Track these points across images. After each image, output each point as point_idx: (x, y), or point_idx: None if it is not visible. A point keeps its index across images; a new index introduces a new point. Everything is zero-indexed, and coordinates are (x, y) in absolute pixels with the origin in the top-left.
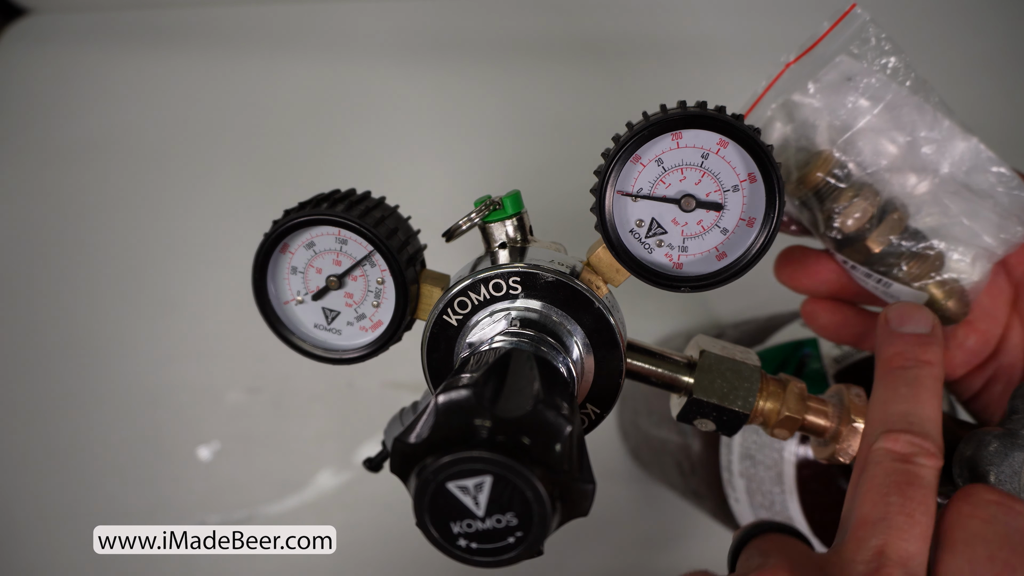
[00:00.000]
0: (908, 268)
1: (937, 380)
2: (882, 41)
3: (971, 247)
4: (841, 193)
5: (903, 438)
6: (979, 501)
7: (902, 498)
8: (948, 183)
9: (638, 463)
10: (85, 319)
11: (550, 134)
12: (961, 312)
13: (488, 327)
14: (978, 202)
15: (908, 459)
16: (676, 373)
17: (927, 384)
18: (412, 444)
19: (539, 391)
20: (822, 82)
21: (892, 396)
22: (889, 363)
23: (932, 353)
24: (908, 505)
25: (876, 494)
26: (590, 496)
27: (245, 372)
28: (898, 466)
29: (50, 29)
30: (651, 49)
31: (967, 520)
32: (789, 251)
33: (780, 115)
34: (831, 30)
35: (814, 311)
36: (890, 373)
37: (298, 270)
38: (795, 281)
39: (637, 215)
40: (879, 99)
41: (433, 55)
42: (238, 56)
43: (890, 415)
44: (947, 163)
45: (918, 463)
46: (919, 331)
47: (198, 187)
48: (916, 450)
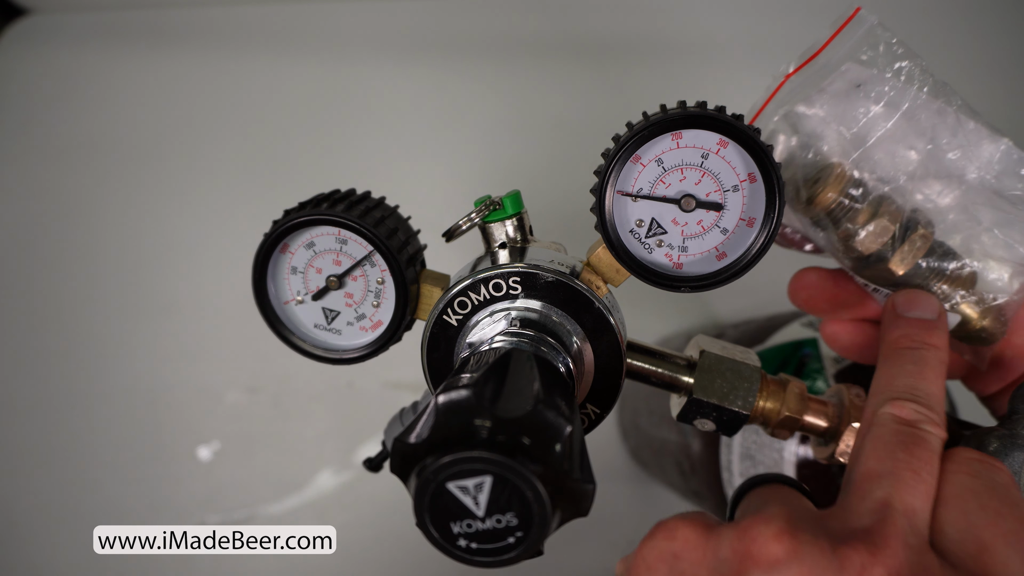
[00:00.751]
0: (937, 289)
1: (942, 363)
2: (893, 45)
3: (1006, 261)
4: (858, 212)
5: (909, 406)
6: (962, 459)
7: (908, 455)
8: (977, 191)
9: (638, 463)
10: (85, 319)
11: (550, 134)
12: (999, 331)
13: (488, 327)
14: (1011, 210)
15: (914, 424)
16: (676, 373)
17: (932, 364)
18: (412, 444)
19: (539, 391)
20: (828, 91)
21: (898, 371)
22: (895, 344)
23: (938, 337)
24: (914, 463)
25: (882, 451)
26: (590, 496)
27: (245, 372)
28: (905, 428)
29: (50, 29)
30: (651, 49)
31: (954, 476)
32: (805, 274)
33: (784, 127)
34: (834, 37)
35: (836, 333)
36: (895, 352)
37: (298, 270)
38: (814, 306)
39: (637, 215)
40: (896, 106)
41: (433, 55)
42: (238, 56)
43: (895, 387)
44: (974, 168)
45: (924, 429)
46: (926, 317)
47: (198, 187)
48: (922, 418)
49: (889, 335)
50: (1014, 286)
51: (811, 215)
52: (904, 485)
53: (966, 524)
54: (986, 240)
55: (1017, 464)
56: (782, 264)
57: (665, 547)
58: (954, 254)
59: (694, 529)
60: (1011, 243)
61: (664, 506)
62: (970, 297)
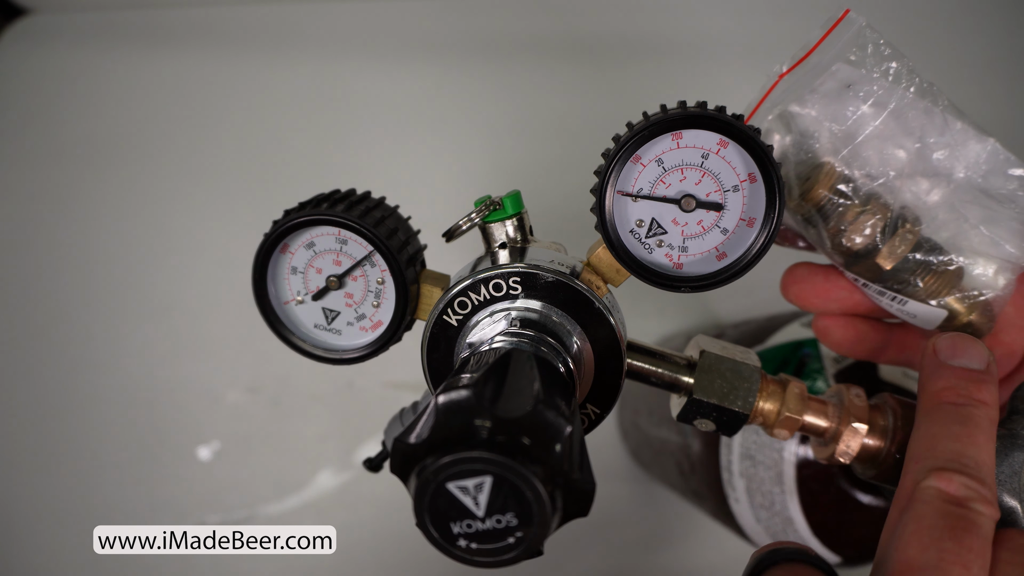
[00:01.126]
0: (925, 284)
1: (993, 423)
2: (881, 46)
3: (992, 258)
4: (847, 209)
5: (957, 479)
6: (1017, 547)
7: (958, 545)
8: (964, 189)
9: (638, 463)
10: (85, 318)
11: (550, 134)
12: (986, 326)
13: (488, 327)
14: (998, 208)
15: (963, 503)
16: (676, 373)
17: (983, 426)
18: (412, 444)
19: (539, 391)
20: (820, 91)
21: (943, 432)
22: (938, 396)
23: (988, 393)
24: (965, 556)
25: (927, 537)
26: (590, 496)
27: (245, 372)
28: (952, 509)
29: (50, 29)
30: (651, 49)
31: (1007, 567)
32: (796, 269)
33: (778, 126)
34: (825, 37)
35: (827, 328)
36: (940, 408)
37: (298, 270)
38: (804, 301)
39: (637, 215)
40: (883, 105)
41: (433, 55)
42: (238, 56)
43: (940, 452)
44: (962, 168)
45: (974, 509)
46: (973, 366)
47: (198, 187)
48: (972, 495)
49: (932, 385)
50: (1000, 282)
51: (802, 211)
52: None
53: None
54: (973, 237)
55: (1017, 464)
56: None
57: None
58: (941, 250)
59: None
60: (997, 240)
61: (664, 506)
62: (957, 293)
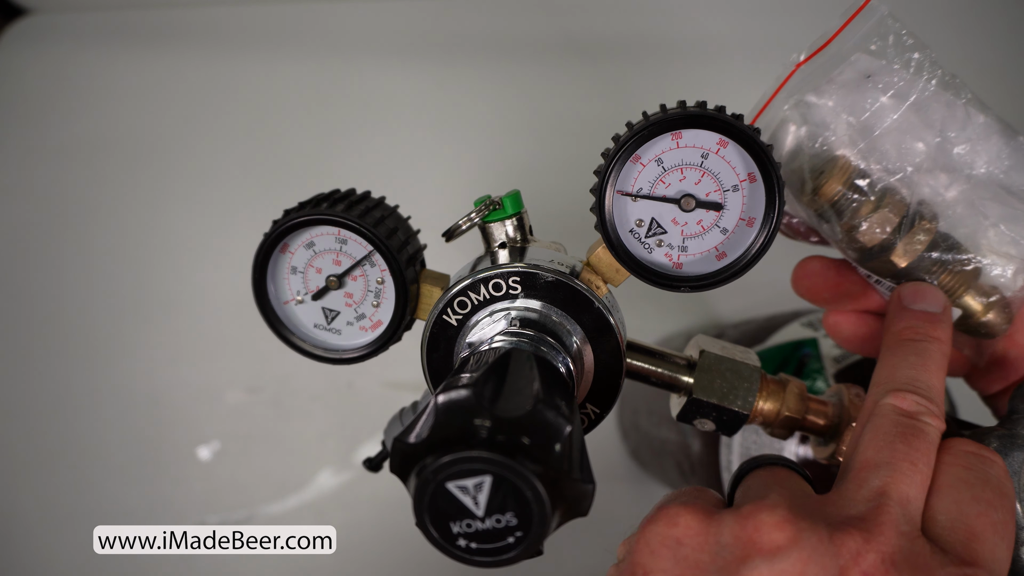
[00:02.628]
0: (940, 282)
1: (945, 356)
2: (903, 36)
3: (1012, 257)
4: (861, 205)
5: (910, 397)
6: (958, 451)
7: (907, 446)
8: (985, 186)
9: (638, 463)
10: (85, 319)
11: (550, 134)
12: (1003, 325)
13: (488, 327)
14: (1019, 206)
15: (914, 416)
16: (676, 373)
17: (935, 357)
18: (412, 444)
19: (539, 391)
20: (838, 81)
21: (901, 363)
22: (899, 335)
23: (942, 331)
24: (912, 454)
25: (881, 441)
26: (590, 496)
27: (245, 372)
28: (905, 420)
29: (50, 29)
30: (651, 49)
31: (950, 467)
32: (808, 262)
33: (793, 116)
34: (845, 26)
35: (837, 323)
36: (899, 344)
37: (298, 270)
38: (815, 295)
39: (637, 215)
40: (903, 97)
41: (433, 55)
42: (238, 56)
43: (897, 378)
44: (983, 163)
45: (923, 420)
46: (930, 310)
47: (198, 187)
48: (923, 410)
49: (893, 326)
50: (1018, 283)
51: (816, 207)
52: (901, 475)
53: (958, 513)
54: (992, 235)
55: (1017, 464)
56: (782, 264)
57: (668, 533)
58: (959, 247)
59: (696, 516)
60: (1018, 239)
61: None
62: (972, 291)
